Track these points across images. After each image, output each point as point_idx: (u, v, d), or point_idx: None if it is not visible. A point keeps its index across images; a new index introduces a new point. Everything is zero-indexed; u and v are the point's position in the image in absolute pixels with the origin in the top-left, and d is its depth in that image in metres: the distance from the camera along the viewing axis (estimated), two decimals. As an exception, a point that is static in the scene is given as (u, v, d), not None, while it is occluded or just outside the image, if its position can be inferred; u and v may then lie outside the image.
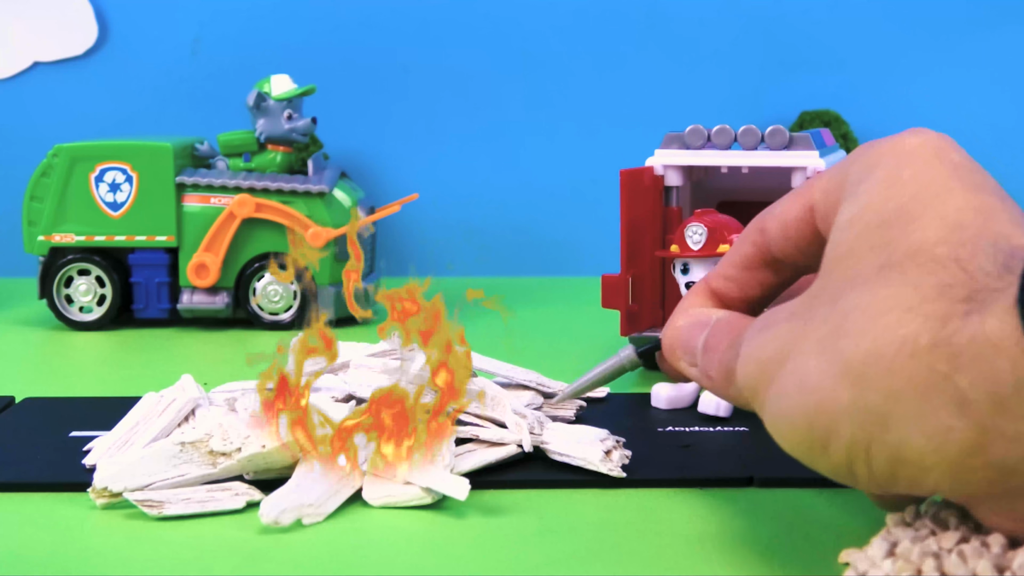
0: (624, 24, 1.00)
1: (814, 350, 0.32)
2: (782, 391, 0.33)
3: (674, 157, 0.64)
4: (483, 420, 0.48)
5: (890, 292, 0.30)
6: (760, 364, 0.34)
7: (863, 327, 0.30)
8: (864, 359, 0.30)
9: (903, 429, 0.29)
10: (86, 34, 0.99)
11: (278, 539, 0.40)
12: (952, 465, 0.29)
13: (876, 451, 0.30)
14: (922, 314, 0.29)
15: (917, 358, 0.29)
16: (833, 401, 0.31)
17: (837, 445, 0.31)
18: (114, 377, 0.67)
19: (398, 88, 1.01)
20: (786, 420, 0.33)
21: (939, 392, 0.29)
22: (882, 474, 0.31)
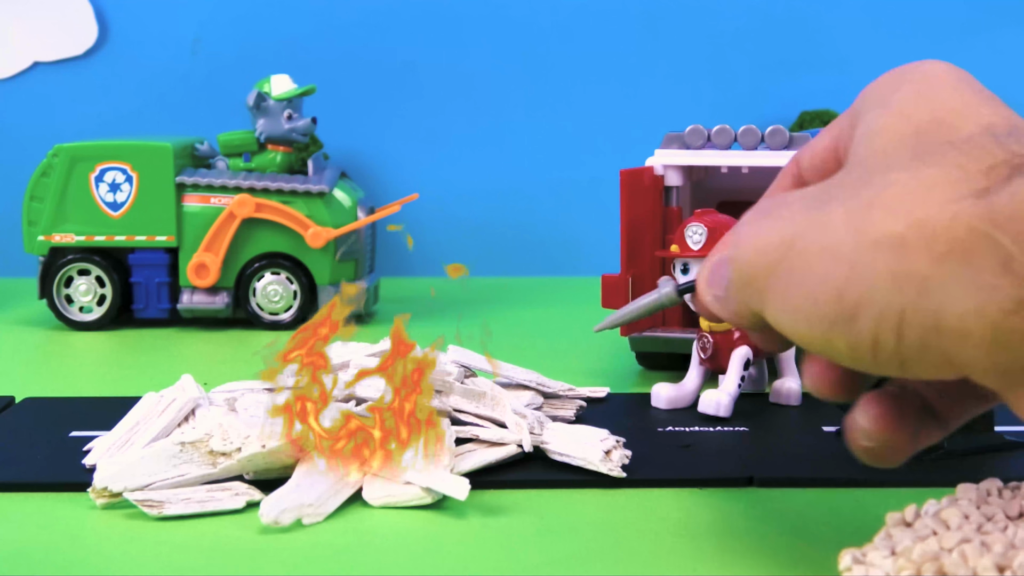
0: (624, 24, 1.00)
1: (842, 223, 0.31)
2: (799, 270, 0.32)
3: (674, 157, 0.64)
4: (483, 420, 0.48)
5: (933, 171, 0.30)
6: (761, 250, 0.33)
7: (904, 199, 0.30)
8: (906, 227, 0.30)
9: (944, 293, 0.29)
10: (86, 34, 0.99)
11: (278, 539, 0.40)
12: (993, 326, 0.29)
13: (911, 319, 0.30)
14: (968, 187, 0.30)
15: (961, 221, 0.29)
16: (869, 268, 0.30)
17: (867, 315, 0.30)
18: (114, 377, 0.67)
19: (398, 88, 1.01)
20: (806, 296, 0.32)
21: (983, 253, 0.29)
22: (912, 347, 0.30)
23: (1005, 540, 0.31)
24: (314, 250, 0.79)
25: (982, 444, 0.48)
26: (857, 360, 0.32)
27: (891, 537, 0.33)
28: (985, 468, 0.45)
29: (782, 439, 0.51)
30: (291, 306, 0.79)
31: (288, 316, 0.79)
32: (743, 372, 0.55)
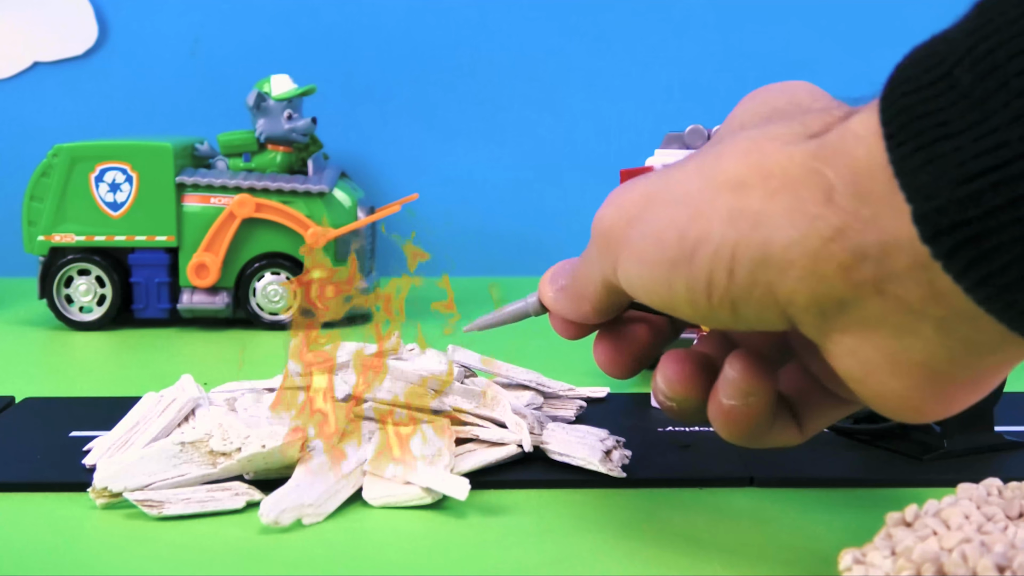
0: (624, 24, 1.00)
1: (694, 172, 0.33)
2: (651, 218, 0.34)
3: (674, 157, 0.64)
4: (483, 420, 0.48)
5: (778, 126, 0.32)
6: (622, 207, 0.35)
7: (749, 147, 0.32)
8: (747, 168, 0.32)
9: (772, 224, 0.31)
10: (86, 34, 0.99)
11: (278, 539, 0.40)
12: (813, 254, 0.30)
13: (742, 253, 0.31)
14: (805, 134, 0.31)
15: (795, 160, 0.31)
16: (710, 207, 0.32)
17: (704, 251, 0.32)
18: (114, 377, 0.67)
19: (399, 88, 1.01)
20: (654, 242, 0.33)
21: (810, 185, 0.30)
22: (741, 284, 0.31)
23: (1005, 540, 0.31)
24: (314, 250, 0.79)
25: (982, 444, 0.48)
26: (694, 304, 0.33)
27: (891, 537, 0.33)
28: (985, 468, 0.45)
29: (782, 439, 0.51)
30: (291, 306, 0.79)
31: (288, 316, 0.79)
32: None
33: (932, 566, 0.31)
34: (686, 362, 0.37)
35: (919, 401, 0.31)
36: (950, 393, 0.32)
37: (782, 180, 0.31)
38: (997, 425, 0.49)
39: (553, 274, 0.41)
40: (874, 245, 0.29)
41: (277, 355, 0.69)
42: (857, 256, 0.29)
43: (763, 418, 0.36)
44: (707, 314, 0.33)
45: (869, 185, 0.29)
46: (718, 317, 0.33)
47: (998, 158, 0.26)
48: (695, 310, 0.33)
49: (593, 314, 0.39)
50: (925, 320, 0.29)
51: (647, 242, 0.34)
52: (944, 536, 0.32)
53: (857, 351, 0.31)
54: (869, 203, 0.29)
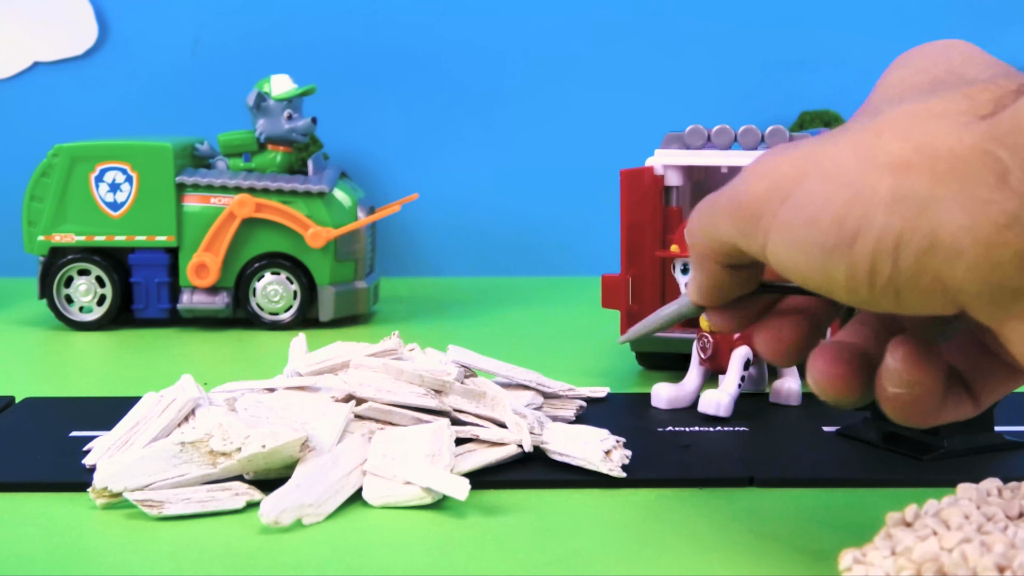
0: (624, 24, 1.00)
1: (850, 149, 0.32)
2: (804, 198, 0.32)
3: (674, 157, 0.64)
4: (483, 420, 0.48)
5: (942, 101, 0.31)
6: (773, 181, 0.33)
7: (911, 125, 0.31)
8: (911, 149, 0.30)
9: (941, 210, 0.29)
10: (86, 34, 0.99)
11: (278, 539, 0.40)
12: (985, 241, 0.29)
13: (907, 240, 0.30)
14: (975, 113, 0.30)
15: (964, 142, 0.29)
16: (871, 190, 0.30)
17: (866, 238, 0.30)
18: (114, 377, 0.67)
19: (398, 88, 1.01)
20: (808, 223, 0.32)
21: (981, 169, 0.29)
22: (907, 271, 0.30)
23: (1005, 540, 0.31)
24: (314, 250, 0.79)
25: (982, 444, 0.48)
26: (854, 291, 0.31)
27: (891, 537, 0.33)
28: (985, 468, 0.45)
29: (782, 439, 0.51)
30: (291, 306, 0.79)
31: (288, 316, 0.79)
32: (743, 372, 0.55)
33: (932, 566, 0.31)
34: (839, 361, 0.35)
35: None
36: None
37: (950, 163, 0.29)
38: (997, 425, 0.49)
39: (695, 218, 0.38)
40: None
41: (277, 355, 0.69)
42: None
43: (933, 401, 0.34)
44: (867, 300, 0.31)
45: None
46: (880, 303, 0.31)
47: None
48: (855, 296, 0.32)
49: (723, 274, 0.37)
50: None
51: (801, 226, 0.32)
52: (944, 536, 0.32)
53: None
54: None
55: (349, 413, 0.47)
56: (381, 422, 0.48)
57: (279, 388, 0.51)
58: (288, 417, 0.47)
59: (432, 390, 0.48)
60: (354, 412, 0.48)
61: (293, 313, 0.79)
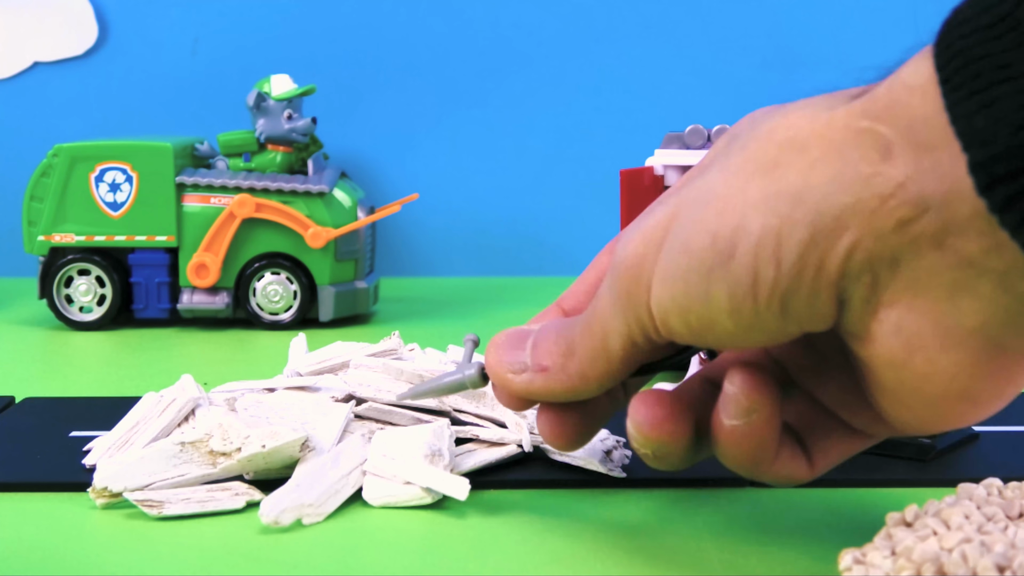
0: (624, 24, 1.00)
1: (715, 171, 0.31)
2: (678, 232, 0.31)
3: (674, 157, 0.64)
4: (483, 420, 0.48)
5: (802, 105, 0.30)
6: (644, 234, 0.32)
7: (772, 128, 0.30)
8: (777, 149, 0.30)
9: (820, 197, 0.29)
10: (86, 34, 0.99)
11: (278, 539, 0.40)
12: (870, 213, 0.28)
13: (787, 236, 0.29)
14: (842, 99, 0.30)
15: (835, 125, 0.29)
16: (741, 197, 0.30)
17: (744, 246, 0.29)
18: (114, 377, 0.67)
19: (398, 88, 1.01)
20: (683, 252, 0.31)
21: (860, 145, 0.28)
22: (790, 270, 0.29)
23: (1006, 540, 0.31)
24: (314, 250, 0.79)
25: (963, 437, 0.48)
26: (737, 312, 0.30)
27: (891, 537, 0.33)
28: (985, 468, 0.45)
29: (782, 439, 0.51)
30: (291, 306, 0.79)
31: (288, 316, 0.79)
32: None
33: (932, 566, 0.31)
34: (660, 403, 0.34)
35: (969, 380, 0.29)
36: (1003, 368, 0.29)
37: (822, 148, 0.29)
38: (991, 425, 0.49)
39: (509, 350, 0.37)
40: (935, 195, 0.27)
41: (277, 355, 0.69)
42: (919, 208, 0.28)
43: (768, 439, 0.33)
44: (752, 322, 0.30)
45: (928, 134, 0.27)
46: (763, 323, 0.30)
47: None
48: (737, 320, 0.30)
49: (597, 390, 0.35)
50: (984, 276, 0.28)
51: (677, 256, 0.31)
52: (944, 536, 0.32)
53: (903, 325, 0.29)
54: (929, 153, 0.27)
55: (349, 413, 0.47)
56: (381, 422, 0.48)
57: (279, 388, 0.51)
58: (288, 417, 0.47)
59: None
60: (354, 412, 0.48)
61: (293, 313, 0.79)
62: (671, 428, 0.34)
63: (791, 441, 0.35)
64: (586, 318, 0.35)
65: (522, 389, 0.36)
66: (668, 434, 0.34)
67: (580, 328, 0.35)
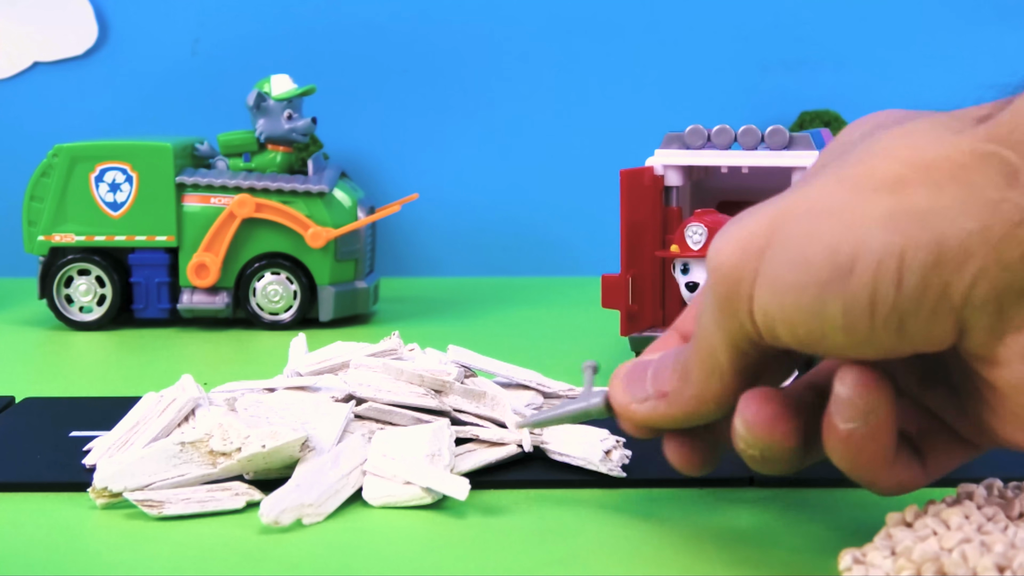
0: (624, 24, 1.00)
1: (834, 182, 0.30)
2: (787, 242, 0.30)
3: (674, 157, 0.64)
4: (483, 420, 0.48)
5: (924, 122, 0.30)
6: (743, 242, 0.31)
7: (897, 144, 0.29)
8: (905, 166, 0.29)
9: (945, 220, 0.28)
10: (86, 34, 0.99)
11: (278, 539, 0.40)
12: (997, 241, 0.28)
13: (911, 258, 0.28)
14: (966, 122, 0.29)
15: (962, 148, 0.28)
16: (865, 215, 0.29)
17: (865, 263, 0.29)
18: (114, 377, 0.67)
19: (398, 88, 1.01)
20: (796, 264, 0.30)
21: (986, 171, 0.28)
22: (911, 293, 0.28)
23: (1006, 540, 0.31)
24: (314, 250, 0.79)
25: None
26: (851, 329, 0.30)
27: (891, 537, 0.33)
28: (985, 468, 0.45)
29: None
30: (291, 306, 0.79)
31: (288, 316, 0.79)
32: None
33: (932, 566, 0.31)
34: (771, 401, 0.33)
35: None
36: None
37: (950, 171, 0.28)
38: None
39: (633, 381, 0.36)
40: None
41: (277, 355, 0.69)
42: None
43: (887, 442, 0.32)
44: (865, 339, 0.30)
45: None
46: (878, 340, 0.29)
47: None
48: (851, 337, 0.30)
49: (716, 411, 0.34)
50: None
51: (788, 266, 0.30)
52: (944, 536, 0.32)
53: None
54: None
55: (349, 413, 0.47)
56: (381, 422, 0.48)
57: (279, 388, 0.51)
58: (288, 417, 0.47)
59: (432, 390, 0.48)
60: (354, 412, 0.48)
61: (293, 313, 0.79)
62: (783, 428, 0.33)
63: (906, 446, 0.35)
64: (694, 338, 0.34)
65: (645, 418, 0.36)
66: (781, 434, 0.33)
67: (691, 349, 0.34)
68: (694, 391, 0.35)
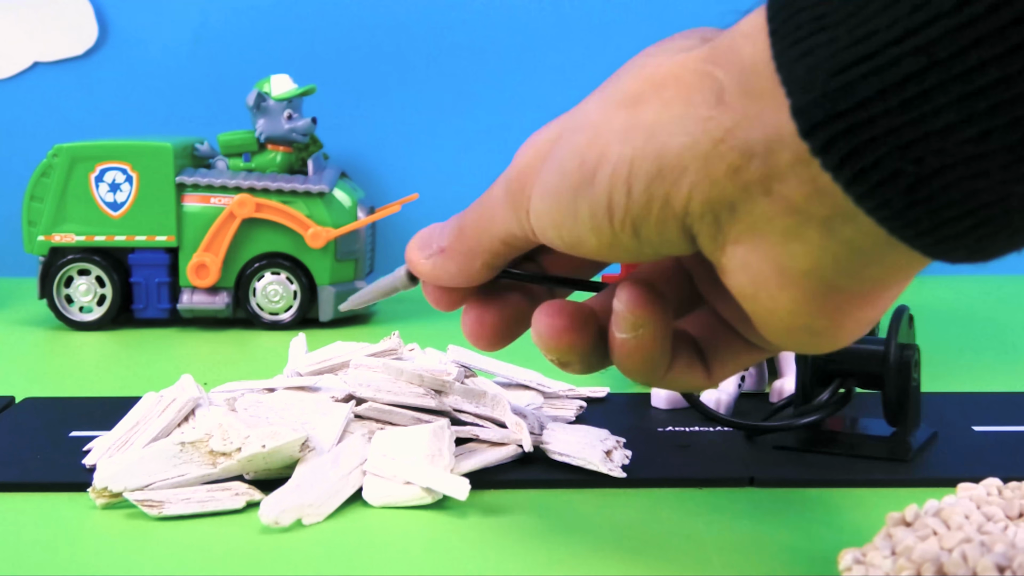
0: (624, 24, 1.00)
1: (594, 101, 0.33)
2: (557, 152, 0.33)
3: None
4: (483, 420, 0.48)
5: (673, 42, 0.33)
6: (535, 147, 0.35)
7: (642, 64, 0.33)
8: (644, 82, 0.32)
9: (665, 133, 0.30)
10: (86, 34, 0.99)
11: (278, 539, 0.40)
12: (704, 157, 0.30)
13: (638, 167, 0.31)
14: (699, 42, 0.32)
15: (687, 67, 0.31)
16: (608, 128, 0.32)
17: (603, 172, 0.31)
18: (114, 377, 0.67)
19: (398, 88, 1.01)
20: (557, 171, 0.33)
21: (701, 89, 0.30)
22: (639, 199, 0.31)
23: (1005, 540, 0.31)
24: (314, 250, 0.79)
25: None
26: (598, 230, 0.32)
27: (891, 537, 0.33)
28: (985, 468, 0.45)
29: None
30: (291, 306, 0.79)
31: (288, 316, 0.79)
32: (743, 372, 0.55)
33: (932, 566, 0.31)
34: (562, 313, 0.36)
35: (808, 317, 0.31)
36: (839, 307, 0.31)
37: (675, 88, 0.31)
38: (979, 425, 0.49)
39: (423, 240, 0.40)
40: (760, 142, 0.29)
41: (277, 355, 0.69)
42: (745, 155, 0.29)
43: (657, 351, 0.35)
44: (611, 241, 0.32)
45: (756, 82, 0.29)
46: (622, 243, 0.32)
47: (869, 47, 0.26)
48: (600, 238, 0.33)
49: (482, 270, 0.38)
50: (810, 222, 0.29)
51: (552, 174, 0.33)
52: (944, 536, 0.32)
53: (748, 263, 0.31)
54: (756, 100, 0.29)
55: (349, 413, 0.47)
56: (381, 422, 0.48)
57: (279, 388, 0.51)
58: (288, 417, 0.47)
59: (432, 390, 0.49)
60: (354, 412, 0.48)
61: (293, 313, 0.79)
62: (570, 338, 0.36)
63: (689, 351, 0.37)
64: (477, 203, 0.38)
65: (429, 272, 0.39)
66: (567, 343, 0.36)
67: (471, 210, 0.38)
68: (466, 248, 0.38)
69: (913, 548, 0.32)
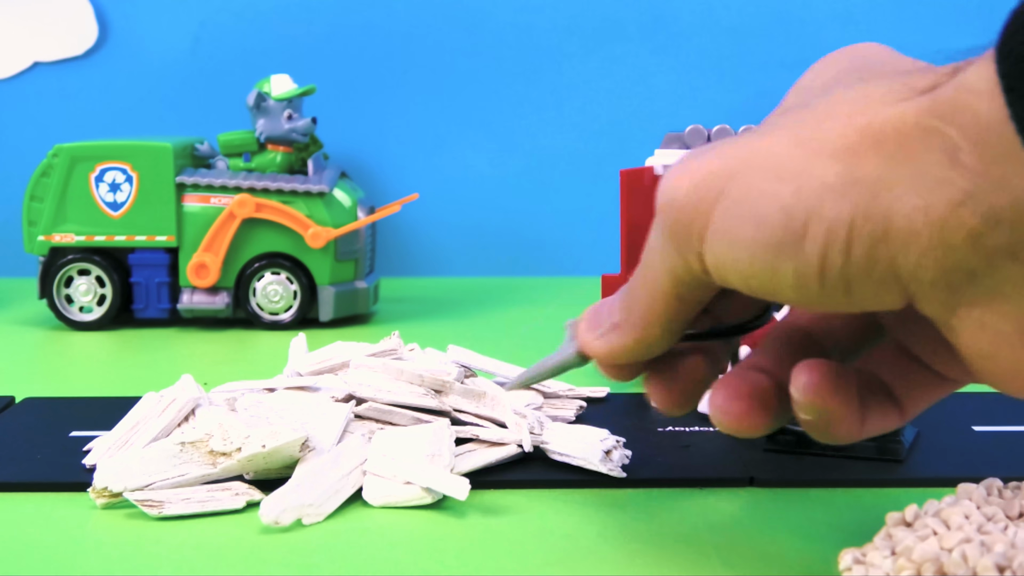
0: (624, 24, 1.00)
1: (788, 140, 0.31)
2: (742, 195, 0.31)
3: (674, 157, 0.64)
4: (483, 420, 0.48)
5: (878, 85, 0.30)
6: (700, 181, 0.32)
7: (851, 110, 0.30)
8: (857, 133, 0.29)
9: (893, 195, 0.28)
10: (86, 34, 0.99)
11: (278, 539, 0.40)
12: (940, 222, 0.28)
13: (860, 229, 0.29)
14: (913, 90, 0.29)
15: (908, 120, 0.29)
16: (818, 180, 0.29)
17: (816, 230, 0.29)
18: (114, 377, 0.67)
19: (398, 88, 1.01)
20: (750, 221, 0.30)
21: (930, 147, 0.28)
22: (859, 262, 0.29)
23: (1006, 540, 0.31)
24: (314, 250, 0.79)
25: None
26: (803, 289, 0.30)
27: (891, 537, 0.33)
28: (985, 468, 0.45)
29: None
30: (291, 306, 0.79)
31: (288, 316, 0.79)
32: None
33: (932, 566, 0.31)
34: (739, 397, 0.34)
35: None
36: None
37: (897, 143, 0.29)
38: (979, 425, 0.49)
39: (593, 318, 0.37)
40: (1007, 208, 0.27)
41: (277, 355, 0.69)
42: (989, 221, 0.27)
43: (850, 422, 0.33)
44: (816, 299, 0.30)
45: (996, 143, 0.27)
46: (828, 299, 0.30)
47: None
48: (802, 295, 0.30)
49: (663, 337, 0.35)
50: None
51: (743, 222, 0.30)
52: (944, 536, 0.32)
53: (987, 324, 0.29)
54: (999, 163, 0.27)
55: (349, 413, 0.47)
56: (381, 422, 0.48)
57: (279, 388, 0.51)
58: (288, 417, 0.47)
59: (432, 390, 0.49)
60: (354, 412, 0.48)
61: (293, 313, 0.79)
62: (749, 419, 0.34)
63: (878, 396, 0.35)
64: (640, 266, 0.35)
65: (605, 351, 0.37)
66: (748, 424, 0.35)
67: (636, 278, 0.35)
68: (639, 317, 0.35)
69: (913, 548, 0.32)
